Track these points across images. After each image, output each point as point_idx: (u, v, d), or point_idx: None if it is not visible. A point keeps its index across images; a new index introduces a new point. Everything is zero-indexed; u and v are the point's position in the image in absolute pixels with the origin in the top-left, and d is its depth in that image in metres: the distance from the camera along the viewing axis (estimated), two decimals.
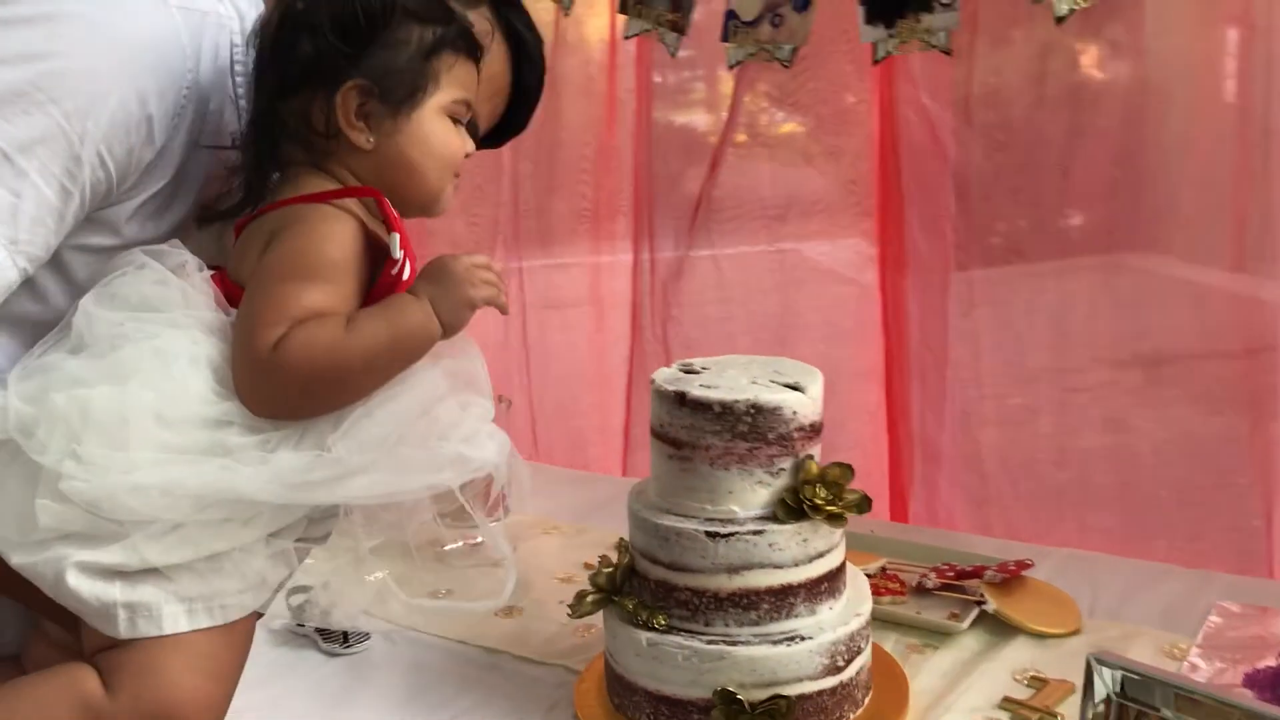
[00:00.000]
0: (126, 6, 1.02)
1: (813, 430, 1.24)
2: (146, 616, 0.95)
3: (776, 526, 1.20)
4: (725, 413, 1.20)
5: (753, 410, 1.19)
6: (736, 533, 1.19)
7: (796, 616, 1.21)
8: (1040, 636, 1.45)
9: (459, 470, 1.02)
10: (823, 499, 1.20)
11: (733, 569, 1.19)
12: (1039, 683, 1.34)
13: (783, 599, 1.21)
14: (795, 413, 1.21)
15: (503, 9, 1.27)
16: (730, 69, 1.96)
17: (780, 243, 2.09)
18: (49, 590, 0.94)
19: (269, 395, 0.97)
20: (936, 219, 1.87)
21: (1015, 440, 1.90)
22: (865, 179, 1.97)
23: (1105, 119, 1.72)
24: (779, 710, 1.17)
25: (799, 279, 2.10)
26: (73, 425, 0.91)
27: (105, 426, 0.92)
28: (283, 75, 1.05)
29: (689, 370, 1.31)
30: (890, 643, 1.45)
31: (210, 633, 0.98)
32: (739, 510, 1.21)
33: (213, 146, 1.10)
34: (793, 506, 1.20)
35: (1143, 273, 1.79)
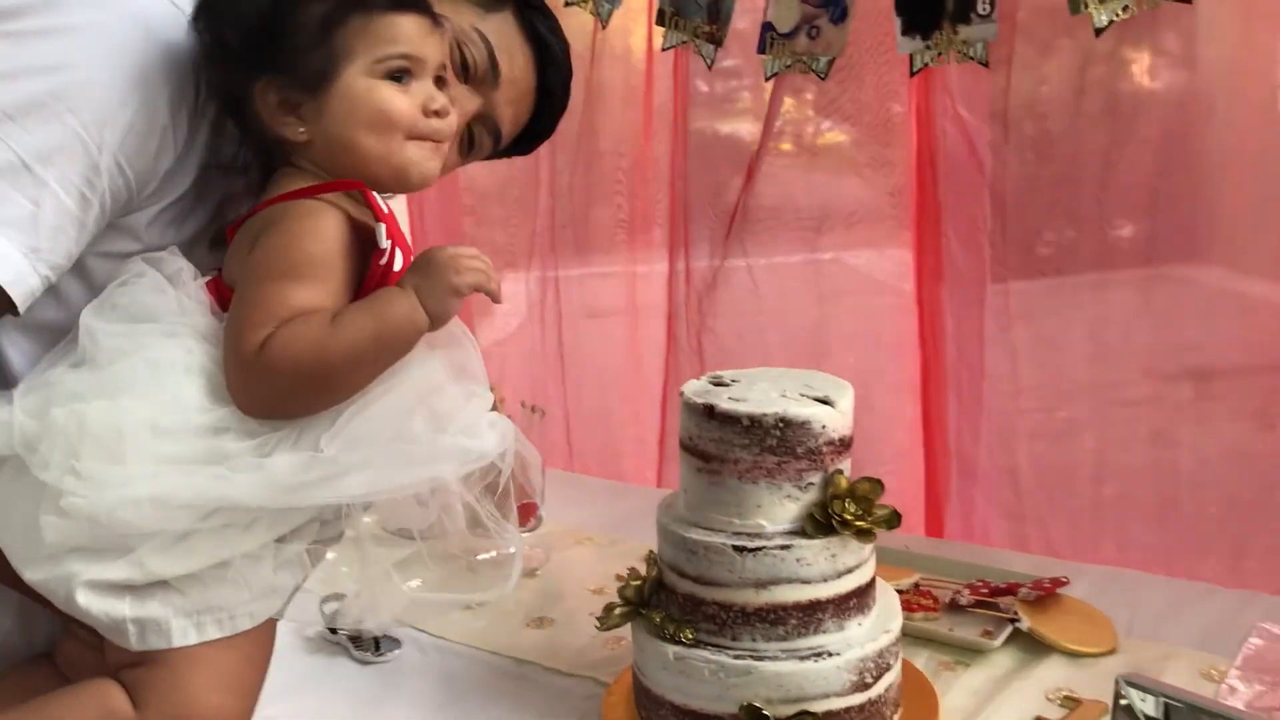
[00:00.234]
0: (141, 16, 1.02)
1: (842, 444, 1.23)
2: (156, 631, 0.95)
3: (805, 541, 1.19)
4: (754, 426, 1.19)
5: (781, 424, 1.19)
6: (764, 547, 1.18)
7: (825, 632, 1.20)
8: (1074, 655, 1.43)
9: (458, 462, 1.00)
10: (852, 514, 1.19)
11: (760, 584, 1.19)
12: (1072, 702, 1.32)
13: (811, 614, 1.20)
14: (824, 427, 1.20)
15: (527, 13, 1.26)
16: (767, 80, 1.96)
17: (817, 253, 2.08)
18: (61, 606, 0.95)
19: (258, 396, 0.96)
20: (974, 231, 1.85)
21: (1053, 455, 1.87)
22: (902, 191, 1.96)
23: (1147, 129, 1.70)
24: None
25: (835, 290, 2.09)
26: (71, 440, 0.91)
27: (101, 441, 0.92)
28: (219, 95, 1.06)
29: (719, 383, 1.30)
30: (922, 659, 1.44)
31: (230, 647, 0.98)
32: (767, 525, 1.20)
33: (218, 166, 1.10)
34: (821, 521, 1.19)
35: (1188, 284, 1.75)
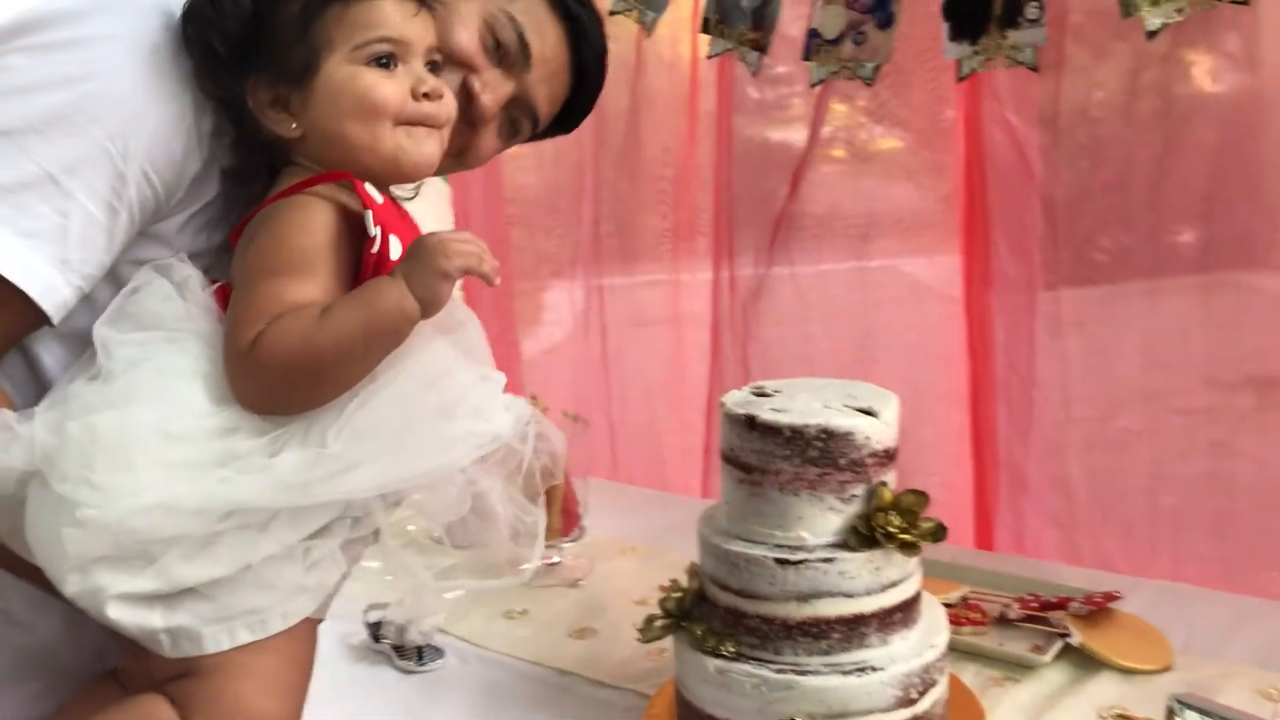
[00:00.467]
0: (160, 23, 1.03)
1: (886, 456, 1.21)
2: (189, 639, 0.95)
3: (848, 554, 1.17)
4: (795, 437, 1.17)
5: (824, 435, 1.17)
6: (806, 560, 1.17)
7: (868, 647, 1.18)
8: (1127, 672, 1.40)
9: (469, 447, 0.98)
10: (896, 527, 1.17)
11: (802, 597, 1.17)
12: None
13: (854, 628, 1.18)
14: (868, 438, 1.18)
15: None
16: (812, 87, 1.94)
17: (864, 261, 2.06)
18: (97, 619, 0.95)
19: (255, 393, 0.96)
20: (1024, 238, 1.82)
21: (1106, 465, 1.83)
22: (951, 197, 1.93)
23: (1203, 133, 1.66)
24: None
25: (882, 298, 2.07)
26: (85, 452, 0.92)
27: (112, 450, 0.92)
28: (216, 101, 1.06)
29: (760, 393, 1.29)
30: (969, 675, 1.41)
31: (268, 651, 0.98)
32: (809, 537, 1.19)
33: (244, 170, 1.10)
34: (865, 534, 1.17)
35: (1247, 291, 1.71)
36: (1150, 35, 1.55)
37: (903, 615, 1.21)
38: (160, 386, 0.96)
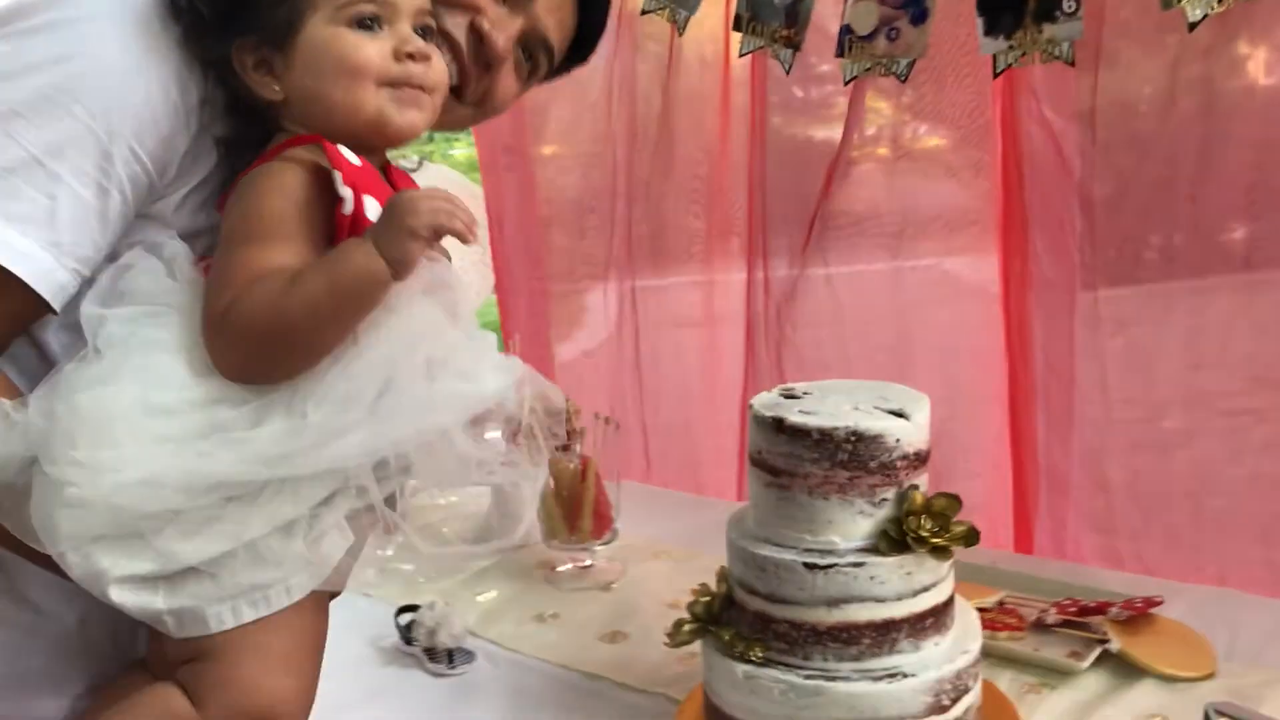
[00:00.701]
0: (140, 2, 1.02)
1: (918, 459, 1.19)
2: (193, 619, 0.94)
3: (878, 559, 1.15)
4: (824, 440, 1.16)
5: (853, 438, 1.15)
6: (836, 564, 1.15)
7: (900, 652, 1.16)
8: (1168, 680, 1.36)
9: (457, 409, 0.95)
10: (928, 531, 1.15)
11: (832, 602, 1.15)
12: None
13: (885, 634, 1.16)
14: (899, 440, 1.16)
15: None
16: (846, 84, 1.92)
17: (899, 261, 2.03)
18: (103, 600, 0.94)
19: (233, 363, 0.95)
20: (1062, 236, 1.79)
21: (1149, 468, 1.79)
22: (987, 195, 1.90)
23: (1246, 128, 1.62)
24: None
25: (918, 299, 2.04)
26: (70, 431, 0.91)
27: (95, 427, 0.91)
28: (205, 67, 1.04)
29: (790, 395, 1.27)
30: (1005, 681, 1.38)
31: (275, 628, 0.97)
32: (839, 541, 1.17)
33: (238, 144, 1.08)
34: (896, 538, 1.15)
35: None
36: (1191, 27, 1.51)
37: (935, 620, 1.19)
38: (143, 361, 0.95)
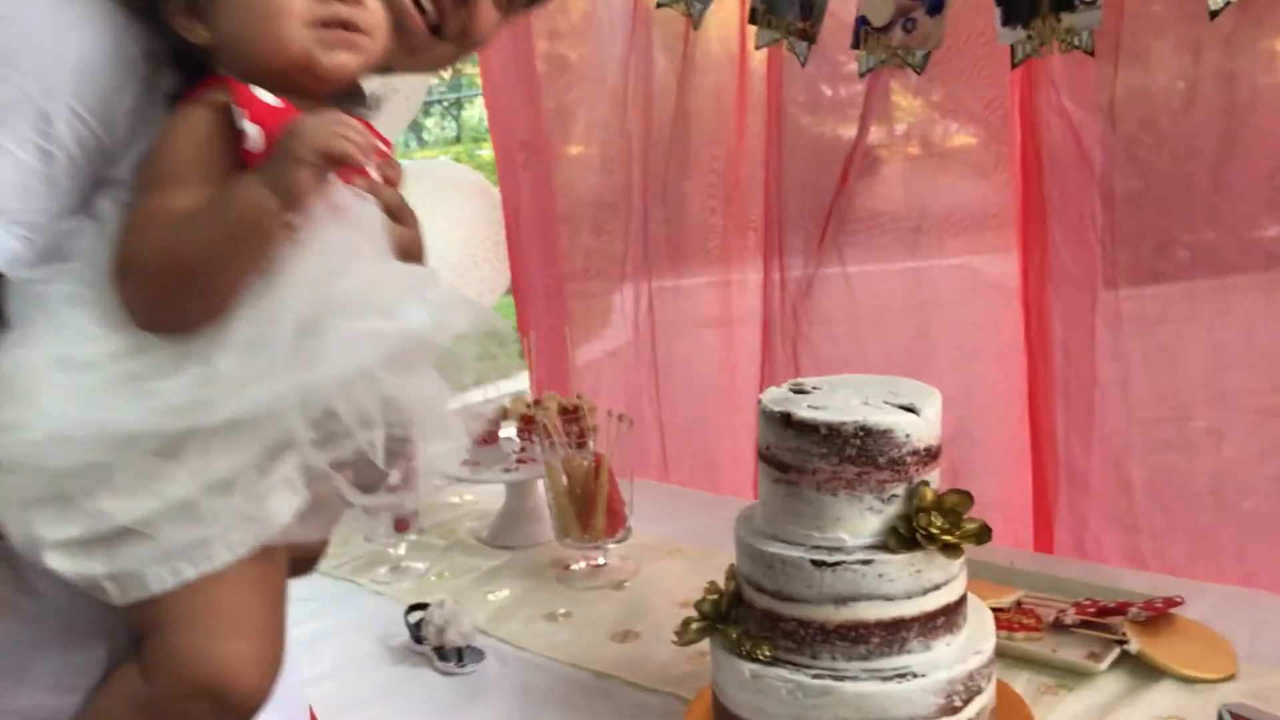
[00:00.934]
0: None
1: (928, 454, 1.17)
2: (133, 582, 0.91)
3: (887, 556, 1.13)
4: (832, 435, 1.14)
5: (861, 433, 1.13)
6: (844, 561, 1.13)
7: (909, 652, 1.14)
8: (1188, 681, 1.34)
9: (376, 348, 0.90)
10: (938, 528, 1.13)
11: (840, 600, 1.13)
12: None
13: (894, 633, 1.14)
14: (908, 436, 1.14)
15: None
16: (862, 76, 1.90)
17: (916, 256, 2.01)
18: (45, 570, 0.92)
19: (139, 312, 0.92)
20: (1082, 231, 1.76)
21: (1170, 467, 1.76)
22: (1006, 189, 1.87)
23: (1269, 120, 1.58)
24: None
25: (936, 295, 2.01)
26: None
27: (14, 386, 0.89)
28: (136, 13, 0.99)
29: (799, 390, 1.25)
30: (1021, 682, 1.36)
31: (227, 589, 0.92)
32: (848, 538, 1.15)
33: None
34: (905, 535, 1.13)
35: None
36: (1213, 15, 1.49)
37: (946, 619, 1.16)
38: (62, 316, 0.92)
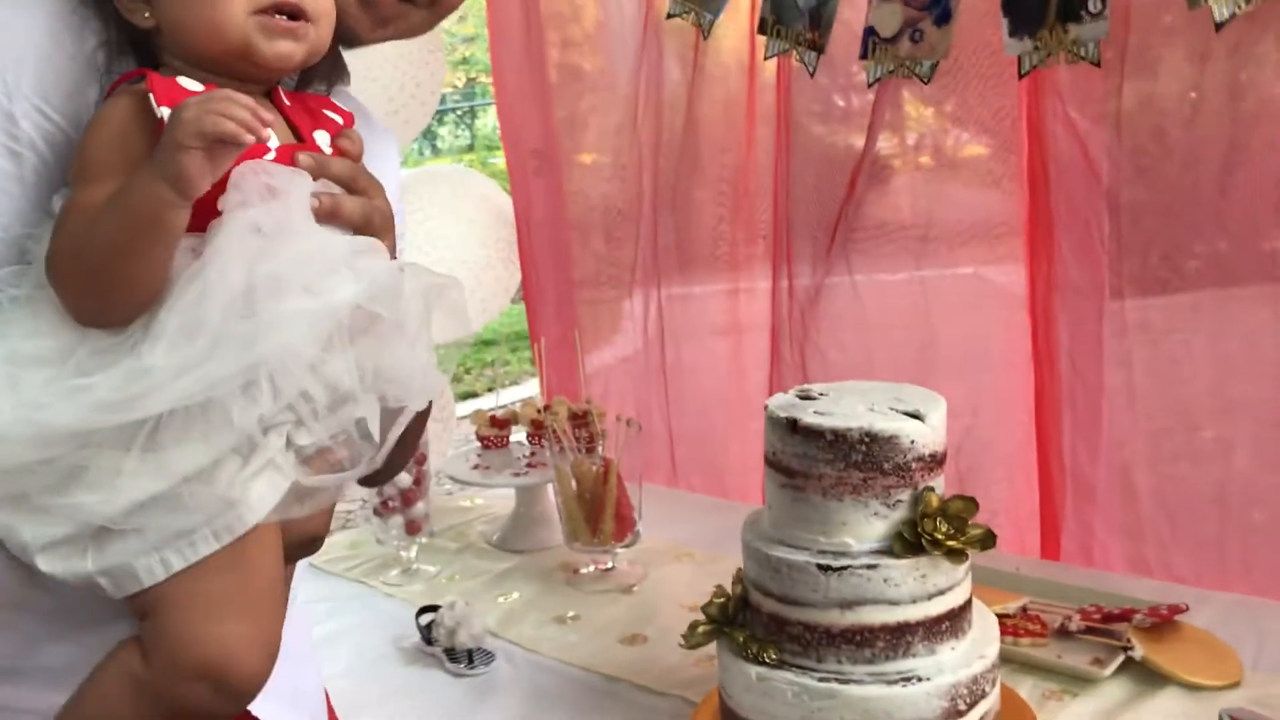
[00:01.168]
0: None
1: (933, 460, 1.18)
2: (126, 575, 0.91)
3: (893, 561, 1.14)
4: (838, 441, 1.15)
5: (867, 439, 1.15)
6: (850, 566, 1.14)
7: (914, 656, 1.15)
8: (1193, 688, 1.34)
9: (301, 327, 0.89)
10: (943, 533, 1.14)
11: (846, 604, 1.15)
12: None
13: (899, 637, 1.15)
14: (913, 442, 1.16)
15: None
16: (870, 86, 1.91)
17: (923, 265, 2.02)
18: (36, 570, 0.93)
19: (69, 306, 0.92)
20: (1089, 240, 1.77)
21: (1176, 476, 1.77)
22: (1013, 198, 1.88)
23: (1273, 130, 1.59)
24: None
25: (943, 304, 2.02)
26: None
27: None
28: (92, 7, 0.99)
29: (806, 396, 1.27)
30: (1026, 688, 1.37)
31: (218, 573, 0.92)
32: (853, 543, 1.16)
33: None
34: (910, 541, 1.14)
35: None
36: (1218, 27, 1.50)
37: (950, 624, 1.18)
38: (13, 314, 0.93)
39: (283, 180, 0.93)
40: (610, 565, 1.85)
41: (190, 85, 0.92)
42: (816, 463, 1.17)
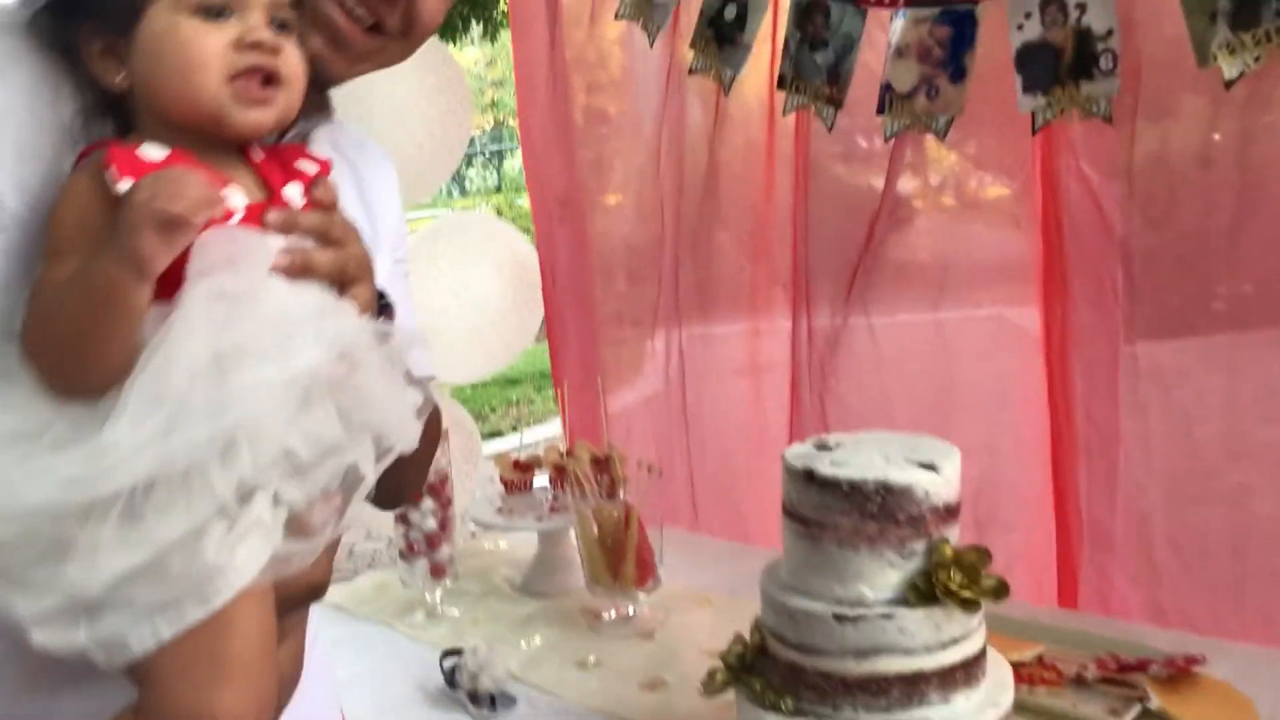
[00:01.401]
0: None
1: (947, 511, 1.20)
2: (118, 646, 0.90)
3: (907, 611, 1.16)
4: (854, 492, 1.18)
5: (882, 490, 1.17)
6: (865, 616, 1.16)
7: (928, 705, 1.17)
8: None
9: (260, 397, 0.87)
10: (957, 584, 1.16)
11: (861, 653, 1.16)
12: None
13: (914, 686, 1.17)
14: (928, 493, 1.18)
15: None
16: (887, 140, 1.95)
17: (940, 313, 2.05)
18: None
19: (43, 380, 0.91)
20: (1102, 290, 1.79)
21: (1193, 524, 1.78)
22: (1028, 249, 1.91)
23: None
24: None
25: (960, 349, 2.04)
26: None
27: None
28: (57, 54, 0.99)
29: (822, 446, 1.29)
30: None
31: (207, 640, 0.90)
32: (869, 593, 1.18)
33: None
34: (925, 591, 1.16)
35: None
36: (1228, 85, 1.53)
37: (965, 673, 1.19)
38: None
39: (248, 244, 0.93)
40: (631, 611, 1.87)
41: (152, 154, 0.92)
42: (833, 513, 1.19)
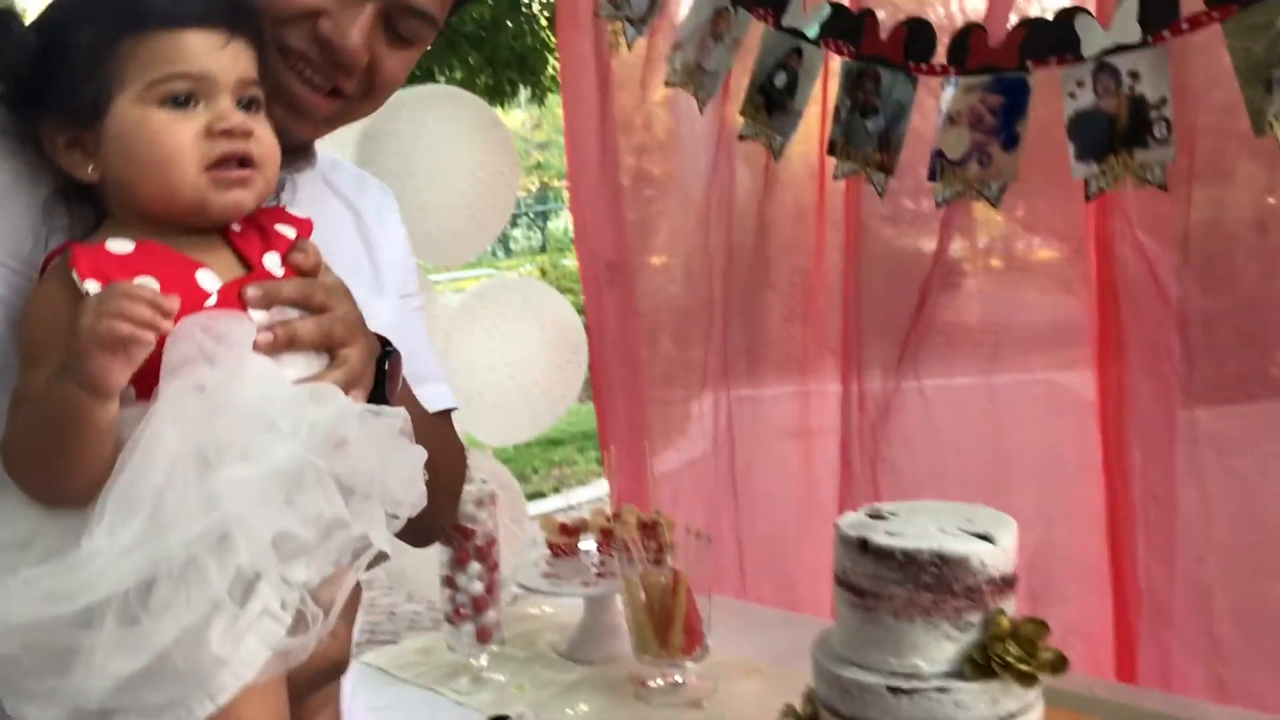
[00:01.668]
0: None
1: (1004, 582, 1.19)
2: None
3: (963, 684, 1.15)
4: (909, 562, 1.17)
5: (938, 560, 1.16)
6: (920, 689, 1.15)
7: None
8: None
9: (239, 496, 0.85)
10: (1014, 657, 1.14)
11: None
12: None
13: None
14: (984, 564, 1.17)
15: None
16: (939, 207, 1.95)
17: (993, 378, 2.03)
18: None
19: (28, 493, 0.91)
20: (1158, 358, 1.78)
21: (1255, 596, 1.74)
22: (1083, 316, 1.90)
23: None
24: None
25: (1014, 415, 2.03)
26: None
27: None
28: (24, 143, 0.98)
29: (876, 515, 1.28)
30: None
31: None
32: (924, 665, 1.17)
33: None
34: (981, 664, 1.15)
35: None
36: None
37: None
38: None
39: (224, 329, 0.90)
40: (679, 679, 1.85)
41: (119, 248, 0.91)
42: (887, 583, 1.18)
